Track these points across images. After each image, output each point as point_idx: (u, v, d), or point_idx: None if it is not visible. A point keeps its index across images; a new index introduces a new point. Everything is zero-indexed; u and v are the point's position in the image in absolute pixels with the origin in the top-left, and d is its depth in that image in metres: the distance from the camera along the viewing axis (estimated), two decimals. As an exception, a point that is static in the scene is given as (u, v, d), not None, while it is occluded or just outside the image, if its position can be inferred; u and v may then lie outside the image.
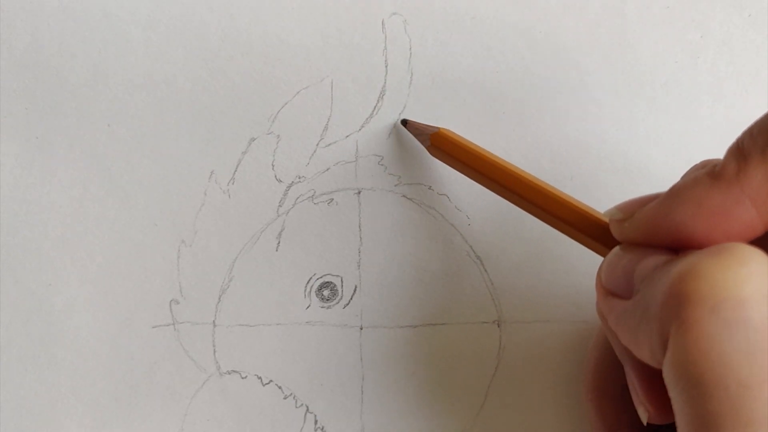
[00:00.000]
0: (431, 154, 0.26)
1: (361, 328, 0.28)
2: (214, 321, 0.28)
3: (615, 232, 0.21)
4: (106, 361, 0.27)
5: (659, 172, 0.28)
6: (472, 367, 0.28)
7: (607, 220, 0.22)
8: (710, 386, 0.15)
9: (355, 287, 0.28)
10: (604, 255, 0.22)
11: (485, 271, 0.28)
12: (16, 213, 0.27)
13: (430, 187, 0.28)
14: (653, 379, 0.19)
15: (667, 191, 0.19)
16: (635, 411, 0.21)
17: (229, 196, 0.27)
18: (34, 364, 0.27)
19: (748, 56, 0.28)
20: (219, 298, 0.28)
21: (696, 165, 0.20)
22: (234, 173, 0.27)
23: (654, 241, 0.19)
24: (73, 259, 0.27)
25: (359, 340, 0.28)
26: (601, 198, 0.27)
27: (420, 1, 0.27)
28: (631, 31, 0.28)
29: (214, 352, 0.28)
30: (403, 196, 0.28)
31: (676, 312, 0.16)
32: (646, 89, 0.28)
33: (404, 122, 0.27)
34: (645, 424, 0.20)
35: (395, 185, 0.28)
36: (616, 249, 0.20)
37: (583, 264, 0.27)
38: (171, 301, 0.28)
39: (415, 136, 0.27)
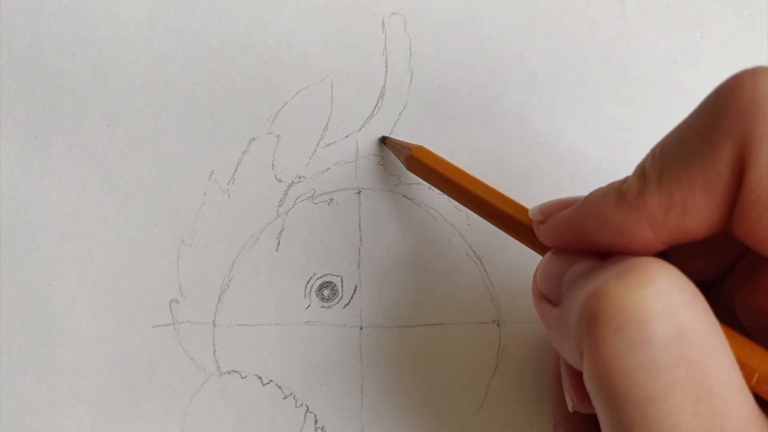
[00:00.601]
0: (409, 170, 0.27)
1: (361, 328, 0.28)
2: (214, 321, 0.28)
3: (536, 232, 0.22)
4: (106, 361, 0.27)
5: (659, 172, 0.28)
6: (472, 367, 0.28)
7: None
8: (620, 399, 0.16)
9: (355, 287, 0.28)
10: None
11: (485, 271, 0.28)
12: (16, 213, 0.27)
13: (430, 187, 0.28)
14: (579, 375, 0.20)
15: (582, 200, 0.20)
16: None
17: (229, 196, 0.27)
18: (34, 364, 0.27)
19: (748, 56, 0.28)
20: (219, 298, 0.28)
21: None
22: (234, 173, 0.27)
23: (567, 246, 0.20)
24: (73, 259, 0.27)
25: (359, 340, 0.28)
26: (601, 198, 0.27)
27: (420, 1, 0.27)
28: (631, 31, 0.28)
29: (214, 351, 0.28)
30: (403, 196, 0.28)
31: (586, 331, 0.17)
32: (646, 89, 0.28)
33: (384, 139, 0.27)
34: (570, 410, 0.21)
35: (395, 185, 0.28)
36: (549, 254, 0.21)
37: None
38: (171, 301, 0.28)
39: (394, 153, 0.27)
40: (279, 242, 0.28)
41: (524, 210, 0.23)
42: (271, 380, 0.28)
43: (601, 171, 0.28)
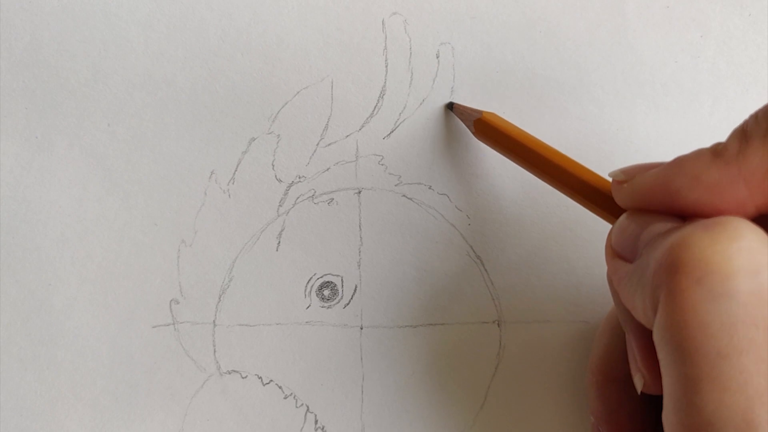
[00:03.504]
0: (476, 137, 0.27)
1: (361, 328, 0.28)
2: (214, 321, 0.28)
3: (614, 193, 0.21)
4: (106, 361, 0.27)
5: (659, 172, 0.28)
6: (472, 367, 0.28)
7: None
8: (691, 352, 0.16)
9: (355, 287, 0.28)
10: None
11: (485, 271, 0.28)
12: (16, 213, 0.27)
13: (430, 187, 0.28)
14: (652, 347, 0.19)
15: (670, 161, 0.19)
16: (637, 399, 0.21)
17: (229, 195, 0.27)
18: (34, 364, 0.27)
19: (748, 56, 0.28)
20: (219, 298, 0.28)
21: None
22: (234, 173, 0.27)
23: (649, 207, 0.20)
24: (73, 259, 0.27)
25: (359, 340, 0.28)
26: (601, 198, 0.27)
27: (420, 1, 0.27)
28: (631, 31, 0.28)
29: (214, 351, 0.28)
30: (403, 196, 0.28)
31: (665, 280, 0.16)
32: (646, 89, 0.28)
33: (451, 105, 0.27)
34: (639, 392, 0.20)
35: (395, 185, 0.28)
36: (626, 214, 0.21)
37: (583, 264, 0.27)
38: (171, 301, 0.28)
39: (461, 119, 0.27)
40: (279, 242, 0.28)
41: (599, 176, 0.23)
42: (271, 380, 0.28)
43: (601, 171, 0.28)
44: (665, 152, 0.28)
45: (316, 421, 0.28)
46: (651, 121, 0.28)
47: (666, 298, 0.16)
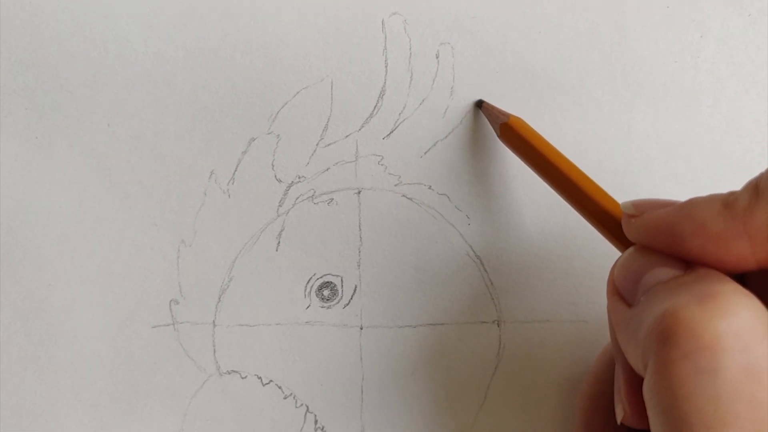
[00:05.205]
0: (500, 140, 0.27)
1: (361, 328, 0.28)
2: (214, 321, 0.28)
3: (624, 225, 0.21)
4: (106, 361, 0.27)
5: (659, 172, 0.28)
6: (472, 367, 0.28)
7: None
8: (677, 421, 0.16)
9: (355, 287, 0.28)
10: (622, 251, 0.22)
11: (485, 271, 0.28)
12: (16, 213, 0.27)
13: (430, 187, 0.28)
14: (637, 384, 0.19)
15: (681, 203, 0.19)
16: (620, 431, 0.21)
17: (229, 196, 0.27)
18: (34, 364, 0.27)
19: (748, 56, 0.28)
20: (219, 298, 0.28)
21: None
22: (234, 173, 0.27)
23: (655, 246, 0.20)
24: (73, 259, 0.27)
25: (359, 340, 0.28)
26: (601, 198, 0.27)
27: (420, 1, 0.27)
28: (631, 31, 0.28)
29: (214, 352, 0.28)
30: (403, 196, 0.28)
31: (655, 348, 0.17)
32: (646, 89, 0.28)
33: (480, 103, 0.27)
34: (618, 422, 0.21)
35: (395, 185, 0.28)
36: (631, 249, 0.21)
37: (583, 264, 0.27)
38: (171, 301, 0.28)
39: (488, 119, 0.27)
40: (279, 242, 0.28)
41: (614, 202, 0.23)
42: (271, 380, 0.28)
43: (601, 171, 0.28)
44: (665, 152, 0.28)
45: (315, 421, 0.28)
46: (651, 121, 0.28)
47: (655, 365, 0.17)
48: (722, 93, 0.28)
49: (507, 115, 0.26)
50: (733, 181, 0.28)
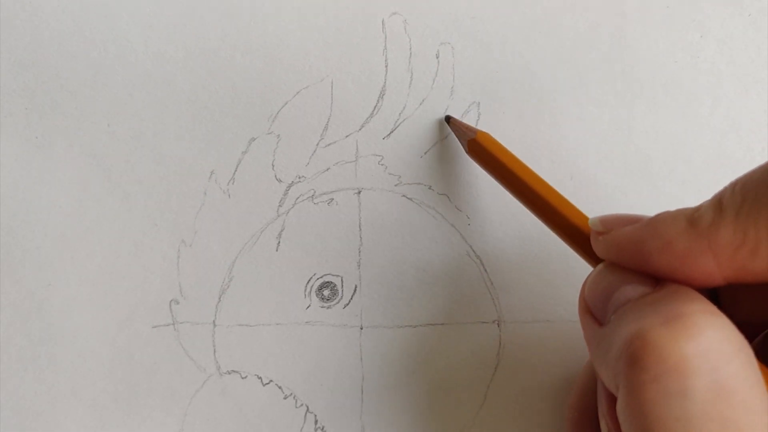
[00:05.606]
0: (468, 155, 0.27)
1: (361, 328, 0.28)
2: (214, 321, 0.28)
3: (593, 242, 0.21)
4: (106, 361, 0.27)
5: (659, 172, 0.28)
6: (472, 367, 0.28)
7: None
8: None
9: (355, 287, 0.28)
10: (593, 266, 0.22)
11: (485, 271, 0.28)
12: (16, 213, 0.27)
13: (430, 187, 0.28)
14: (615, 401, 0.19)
15: (648, 219, 0.19)
16: None
17: (229, 196, 0.27)
18: (34, 364, 0.27)
19: (748, 56, 0.28)
20: (219, 298, 0.28)
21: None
22: (234, 173, 0.27)
23: (623, 263, 0.20)
24: (73, 259, 0.27)
25: (359, 340, 0.28)
26: (601, 198, 0.27)
27: (420, 1, 0.27)
28: (631, 31, 0.28)
29: (214, 352, 0.28)
30: (403, 196, 0.28)
31: (624, 371, 0.17)
32: (646, 89, 0.28)
33: (448, 119, 0.27)
34: None
35: (395, 185, 0.28)
36: (601, 266, 0.21)
37: (583, 264, 0.27)
38: (171, 301, 0.28)
39: (456, 135, 0.27)
40: (279, 242, 0.28)
41: (583, 217, 0.23)
42: (271, 380, 0.28)
43: (601, 171, 0.28)
44: (665, 152, 0.28)
45: (315, 421, 0.28)
46: (651, 121, 0.28)
47: (625, 388, 0.17)
48: (722, 93, 0.28)
49: (474, 131, 0.26)
50: (733, 181, 0.28)
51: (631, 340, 0.17)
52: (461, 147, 0.27)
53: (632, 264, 0.19)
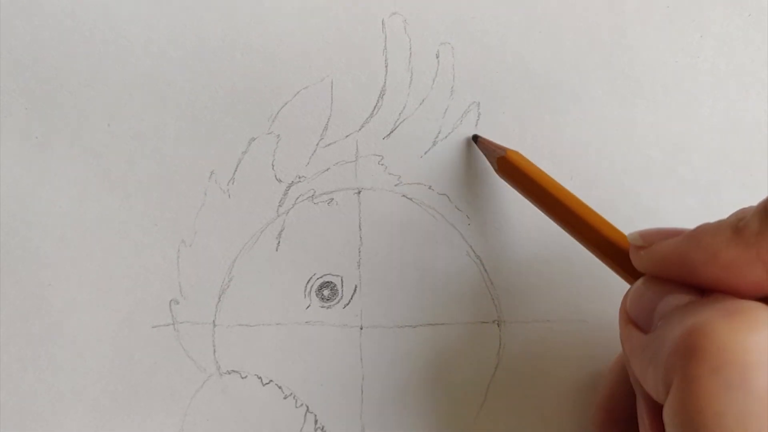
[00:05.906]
0: (498, 174, 0.26)
1: (361, 328, 0.28)
2: (214, 321, 0.28)
3: (632, 257, 0.21)
4: (106, 361, 0.27)
5: (659, 172, 0.28)
6: (472, 367, 0.28)
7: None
8: None
9: (355, 287, 0.28)
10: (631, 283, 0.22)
11: (485, 271, 0.28)
12: (15, 213, 0.27)
13: (430, 187, 0.28)
14: (660, 415, 0.19)
15: (690, 231, 0.19)
16: None
17: (229, 196, 0.27)
18: (34, 364, 0.27)
19: (748, 56, 0.28)
20: (219, 298, 0.28)
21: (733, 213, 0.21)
22: (234, 173, 0.27)
23: (666, 276, 0.19)
24: (73, 259, 0.27)
25: (359, 340, 0.28)
26: (601, 198, 0.27)
27: (420, 1, 0.27)
28: (631, 31, 0.28)
29: (214, 352, 0.28)
30: (403, 196, 0.28)
31: (680, 364, 0.16)
32: (646, 89, 0.28)
33: (475, 138, 0.27)
34: None
35: (395, 185, 0.28)
36: (643, 279, 0.20)
37: (583, 264, 0.27)
38: (171, 301, 0.28)
39: (484, 153, 0.27)
40: (279, 242, 0.28)
41: (619, 233, 0.23)
42: (271, 380, 0.28)
43: (601, 171, 0.28)
44: (665, 152, 0.28)
45: (315, 421, 0.28)
46: (651, 121, 0.28)
47: (680, 383, 0.16)
48: (722, 93, 0.28)
49: (504, 149, 0.26)
50: (733, 181, 0.28)
51: (689, 333, 0.16)
52: (461, 146, 0.27)
53: (676, 277, 0.19)
